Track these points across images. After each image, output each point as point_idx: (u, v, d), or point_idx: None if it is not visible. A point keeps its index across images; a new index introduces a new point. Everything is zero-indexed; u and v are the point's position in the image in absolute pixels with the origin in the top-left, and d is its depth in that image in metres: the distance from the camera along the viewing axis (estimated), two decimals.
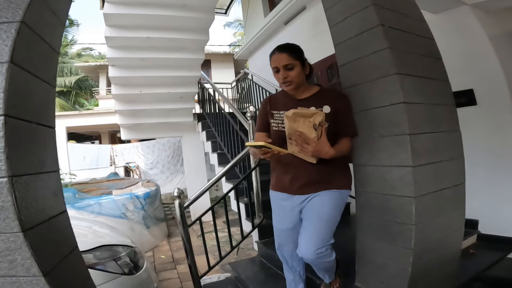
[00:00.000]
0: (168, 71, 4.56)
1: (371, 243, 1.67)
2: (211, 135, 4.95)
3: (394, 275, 1.54)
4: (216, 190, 7.20)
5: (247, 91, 6.50)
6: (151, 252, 4.19)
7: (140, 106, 4.94)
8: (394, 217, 1.50)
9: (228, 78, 11.15)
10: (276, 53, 1.53)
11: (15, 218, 0.80)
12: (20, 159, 0.87)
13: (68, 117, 9.83)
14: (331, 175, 1.57)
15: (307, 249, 1.51)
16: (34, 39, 0.98)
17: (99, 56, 17.30)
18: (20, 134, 0.89)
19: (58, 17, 1.13)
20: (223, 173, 2.69)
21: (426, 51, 1.68)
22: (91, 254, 1.86)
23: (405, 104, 1.41)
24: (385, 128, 1.52)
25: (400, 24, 1.58)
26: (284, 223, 1.69)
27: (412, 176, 1.39)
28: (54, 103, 1.12)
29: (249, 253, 3.52)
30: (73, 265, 1.06)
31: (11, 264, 0.82)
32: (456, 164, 1.61)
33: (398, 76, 1.44)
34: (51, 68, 1.10)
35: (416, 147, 1.41)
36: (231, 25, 18.69)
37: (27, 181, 0.88)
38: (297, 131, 1.41)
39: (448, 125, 1.61)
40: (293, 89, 1.57)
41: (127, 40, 4.02)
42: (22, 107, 0.91)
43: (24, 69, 0.92)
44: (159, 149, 10.00)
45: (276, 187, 1.72)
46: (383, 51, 1.49)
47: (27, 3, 0.91)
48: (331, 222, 1.54)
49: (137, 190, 4.67)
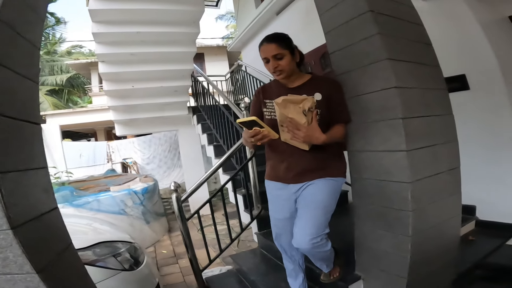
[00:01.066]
0: (160, 65, 4.51)
1: (370, 231, 1.68)
2: (206, 127, 4.93)
3: (394, 262, 1.55)
4: (215, 183, 7.22)
5: (242, 83, 6.46)
6: (152, 247, 4.19)
7: (133, 101, 4.89)
8: (391, 203, 1.50)
9: (222, 70, 11.08)
10: (265, 43, 1.52)
11: (3, 216, 0.79)
12: (6, 156, 0.85)
13: (62, 115, 9.77)
14: (326, 162, 1.57)
15: (302, 239, 1.52)
16: (13, 36, 0.96)
17: (90, 53, 17.11)
18: (5, 131, 0.88)
19: (36, 13, 1.11)
20: (219, 164, 2.68)
21: (416, 37, 1.67)
22: (90, 251, 1.85)
23: (398, 89, 1.41)
24: (378, 113, 1.51)
25: (389, 10, 1.57)
26: (281, 212, 1.70)
27: (407, 160, 1.39)
28: (38, 99, 1.11)
29: (249, 245, 3.54)
30: (69, 262, 1.05)
31: (4, 262, 0.81)
32: (451, 148, 1.61)
33: (390, 62, 1.43)
34: (33, 64, 1.09)
35: (409, 131, 1.41)
36: (223, 17, 18.53)
37: (15, 178, 0.87)
38: (288, 117, 1.40)
39: (441, 109, 1.61)
40: (284, 78, 1.56)
41: (115, 36, 3.96)
42: (6, 105, 0.89)
43: (5, 67, 0.90)
44: (155, 143, 9.96)
45: (271, 176, 1.72)
46: (373, 37, 1.48)
47: (2, 0, 0.89)
48: (326, 210, 1.54)
49: (135, 185, 4.65)
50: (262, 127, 1.38)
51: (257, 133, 1.38)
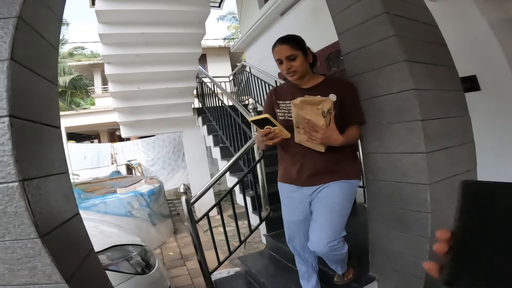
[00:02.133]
0: (165, 66, 4.49)
1: (385, 232, 1.67)
2: (212, 129, 4.92)
3: (410, 263, 1.54)
4: (219, 184, 7.20)
5: (246, 84, 6.45)
6: (159, 249, 4.19)
7: (138, 103, 4.88)
8: (408, 205, 1.49)
9: (224, 71, 11.07)
10: (278, 45, 1.52)
11: (31, 224, 0.77)
12: (29, 162, 0.84)
13: (66, 117, 9.76)
14: (340, 164, 1.55)
15: (319, 242, 1.50)
16: (33, 35, 0.94)
17: (92, 54, 17.13)
18: (27, 135, 0.86)
19: (54, 12, 1.09)
20: (227, 168, 2.66)
21: (432, 38, 1.66)
22: (104, 255, 1.84)
23: (416, 91, 1.40)
24: (394, 115, 1.50)
25: (404, 12, 1.56)
26: (294, 215, 1.68)
27: (425, 162, 1.37)
28: (58, 102, 1.08)
29: (256, 246, 3.53)
30: (92, 268, 1.04)
31: (31, 272, 0.79)
32: (468, 149, 1.60)
33: (407, 63, 1.42)
34: (51, 65, 1.07)
35: (428, 132, 1.39)
36: (224, 18, 18.50)
37: (39, 184, 0.85)
38: (305, 119, 1.38)
39: (458, 110, 1.60)
40: (298, 79, 1.56)
41: (121, 37, 3.94)
42: (26, 107, 0.87)
43: (25, 67, 0.88)
44: (159, 145, 9.97)
45: (284, 178, 1.70)
46: (390, 39, 1.47)
47: None
48: (342, 213, 1.53)
49: (141, 187, 4.65)
50: (274, 125, 1.37)
51: (269, 132, 1.38)
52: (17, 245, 0.79)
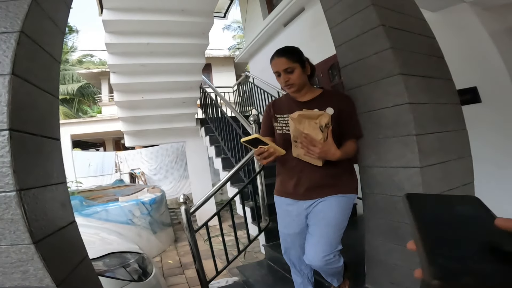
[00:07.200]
0: (169, 77, 4.56)
1: (381, 245, 1.66)
2: (214, 139, 4.95)
3: (406, 276, 1.53)
4: (221, 194, 7.22)
5: (249, 94, 6.50)
6: (158, 257, 4.19)
7: (142, 113, 4.95)
8: (403, 218, 1.49)
9: (229, 81, 11.16)
10: (275, 57, 1.54)
11: (26, 230, 0.81)
12: (27, 172, 0.87)
13: (72, 125, 9.87)
14: (337, 178, 1.55)
15: (314, 256, 1.50)
16: (35, 49, 0.97)
17: (100, 62, 17.34)
18: (26, 147, 0.89)
19: (57, 25, 1.13)
20: (227, 178, 2.69)
21: (428, 50, 1.67)
22: (101, 262, 1.86)
23: (410, 105, 1.41)
24: (390, 129, 1.51)
25: (400, 24, 1.57)
26: (291, 228, 1.68)
27: (420, 176, 1.38)
28: (58, 115, 1.11)
29: (256, 256, 3.51)
30: (85, 274, 1.06)
31: (24, 275, 0.82)
32: (464, 163, 1.59)
33: (402, 77, 1.43)
34: (53, 78, 1.09)
35: (423, 147, 1.40)
36: (229, 27, 18.71)
37: (35, 194, 0.88)
38: (303, 133, 1.38)
39: (454, 124, 1.61)
40: (295, 91, 1.57)
41: (127, 46, 4.03)
42: (27, 120, 0.90)
43: (26, 81, 0.91)
44: (162, 154, 10.03)
45: (280, 192, 1.70)
46: (385, 52, 1.49)
47: (25, 13, 0.90)
48: (338, 227, 1.52)
49: (143, 196, 4.68)
50: (266, 144, 1.36)
51: (263, 151, 1.37)
52: (11, 249, 0.82)
